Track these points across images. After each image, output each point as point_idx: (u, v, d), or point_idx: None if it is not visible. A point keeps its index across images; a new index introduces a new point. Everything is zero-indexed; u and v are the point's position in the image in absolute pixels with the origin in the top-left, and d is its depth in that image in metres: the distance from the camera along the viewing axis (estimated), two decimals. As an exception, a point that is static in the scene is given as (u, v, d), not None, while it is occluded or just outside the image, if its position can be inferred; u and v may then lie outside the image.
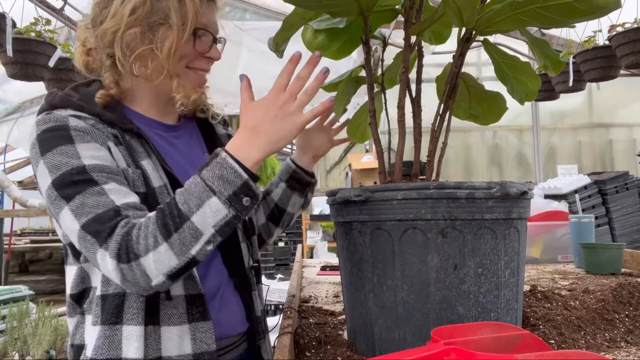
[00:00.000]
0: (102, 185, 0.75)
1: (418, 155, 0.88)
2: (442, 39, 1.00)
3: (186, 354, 0.82)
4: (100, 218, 0.73)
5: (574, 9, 0.69)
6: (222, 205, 0.71)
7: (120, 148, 0.83)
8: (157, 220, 0.72)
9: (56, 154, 0.76)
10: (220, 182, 0.71)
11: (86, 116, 0.83)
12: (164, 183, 0.85)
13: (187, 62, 0.90)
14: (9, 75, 2.63)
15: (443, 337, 0.55)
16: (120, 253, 0.71)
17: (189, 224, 0.71)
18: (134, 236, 0.72)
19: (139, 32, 0.85)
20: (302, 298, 1.30)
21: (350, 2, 0.80)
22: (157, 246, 0.71)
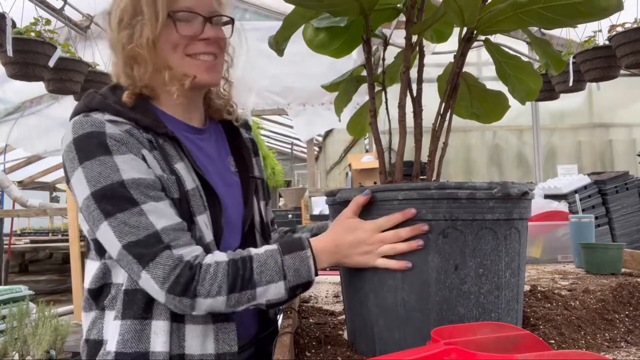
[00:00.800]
0: (141, 205, 0.79)
1: (419, 155, 0.88)
2: (444, 38, 1.00)
3: (208, 353, 0.84)
4: (142, 242, 0.77)
5: (576, 10, 0.69)
6: (284, 290, 0.80)
7: (154, 153, 0.85)
8: (228, 274, 0.78)
9: (95, 164, 0.79)
10: (294, 274, 0.80)
11: (123, 121, 0.85)
12: (197, 185, 0.88)
13: (182, 49, 0.88)
14: (9, 75, 2.63)
15: (443, 337, 0.55)
16: (175, 285, 0.76)
17: (252, 292, 0.79)
18: (200, 277, 0.77)
19: (127, 35, 0.88)
20: (302, 298, 1.30)
21: (351, 1, 0.80)
22: (218, 296, 0.78)
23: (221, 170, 0.98)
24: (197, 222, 0.86)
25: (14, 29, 2.46)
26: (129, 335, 0.81)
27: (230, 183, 0.99)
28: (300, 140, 6.32)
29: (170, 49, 0.88)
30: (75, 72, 2.91)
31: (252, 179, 1.02)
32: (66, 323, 3.28)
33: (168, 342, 0.82)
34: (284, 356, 0.71)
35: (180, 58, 0.88)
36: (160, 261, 0.77)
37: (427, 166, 0.88)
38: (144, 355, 0.81)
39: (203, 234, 0.86)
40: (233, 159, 1.03)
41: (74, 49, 3.02)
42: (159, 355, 0.81)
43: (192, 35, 0.88)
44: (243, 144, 1.05)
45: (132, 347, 0.81)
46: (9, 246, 6.45)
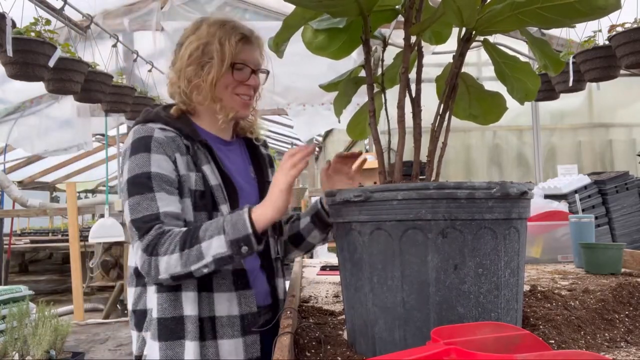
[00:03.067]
0: (155, 192, 1.03)
1: (418, 155, 0.88)
2: (442, 38, 1.00)
3: (234, 315, 1.07)
4: (145, 218, 1.01)
5: (574, 10, 0.69)
6: (225, 244, 0.96)
7: (187, 157, 1.10)
8: (183, 235, 0.98)
9: (137, 158, 1.06)
10: (232, 228, 0.96)
11: (169, 129, 1.11)
12: (219, 182, 1.11)
13: (232, 89, 1.16)
14: (9, 75, 2.62)
15: (443, 337, 0.55)
16: (148, 247, 0.98)
17: (198, 247, 0.96)
18: (162, 239, 0.99)
19: (194, 69, 1.14)
20: (302, 298, 1.30)
21: (350, 2, 0.80)
22: (172, 253, 0.97)
23: (243, 174, 1.23)
24: (221, 210, 1.09)
25: (14, 29, 2.46)
26: (166, 304, 1.04)
27: (250, 184, 1.23)
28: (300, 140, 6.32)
29: (223, 87, 1.15)
30: (75, 72, 2.91)
31: (267, 182, 1.25)
32: (66, 323, 3.28)
33: (197, 308, 1.04)
34: (284, 356, 0.71)
35: (230, 95, 1.16)
36: (150, 233, 0.99)
37: (426, 166, 0.88)
38: (180, 318, 1.03)
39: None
40: (253, 167, 1.28)
41: (74, 49, 3.02)
42: (190, 318, 1.03)
43: (241, 80, 1.17)
44: (261, 156, 1.31)
45: (170, 312, 1.04)
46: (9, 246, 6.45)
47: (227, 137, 1.25)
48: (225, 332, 1.06)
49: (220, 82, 1.14)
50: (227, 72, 1.14)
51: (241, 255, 0.97)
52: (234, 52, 1.13)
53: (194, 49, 1.13)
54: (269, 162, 1.34)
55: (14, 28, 2.46)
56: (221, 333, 1.06)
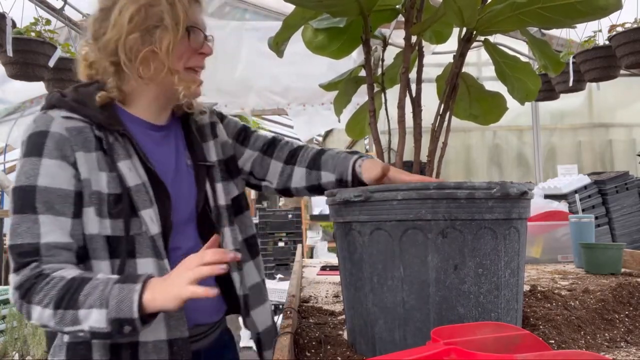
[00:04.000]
0: (39, 215, 0.85)
1: (418, 155, 0.88)
2: (443, 38, 1.00)
3: (161, 339, 0.89)
4: (23, 247, 0.84)
5: (574, 10, 0.69)
6: (105, 320, 0.79)
7: (96, 154, 0.90)
8: (61, 290, 0.81)
9: (26, 163, 0.88)
10: (116, 306, 0.79)
11: (77, 117, 0.91)
12: (143, 182, 0.92)
13: (185, 61, 0.97)
14: (9, 75, 2.62)
15: (443, 337, 0.55)
16: (21, 289, 0.83)
17: (74, 313, 0.80)
18: (38, 286, 0.82)
19: (139, 36, 0.93)
20: (302, 298, 1.30)
21: (351, 2, 0.80)
22: (46, 307, 0.81)
23: (178, 162, 1.03)
24: (142, 216, 0.90)
25: (14, 29, 2.46)
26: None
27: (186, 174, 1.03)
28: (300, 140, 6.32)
29: (177, 58, 0.95)
30: (75, 72, 2.90)
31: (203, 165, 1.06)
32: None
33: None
34: (284, 356, 0.71)
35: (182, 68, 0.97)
36: (25, 270, 0.83)
37: (426, 166, 0.88)
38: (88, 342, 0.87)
39: (148, 227, 0.90)
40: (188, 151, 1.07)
41: (74, 49, 3.02)
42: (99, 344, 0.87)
43: (196, 48, 0.98)
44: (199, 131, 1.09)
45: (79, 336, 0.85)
46: (9, 246, 6.45)
47: (162, 121, 1.03)
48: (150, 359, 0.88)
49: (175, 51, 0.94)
50: (183, 37, 0.95)
51: (122, 335, 0.80)
52: (188, 13, 0.95)
53: (135, 11, 0.92)
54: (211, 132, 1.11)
55: (14, 28, 2.46)
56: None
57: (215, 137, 1.11)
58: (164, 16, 0.93)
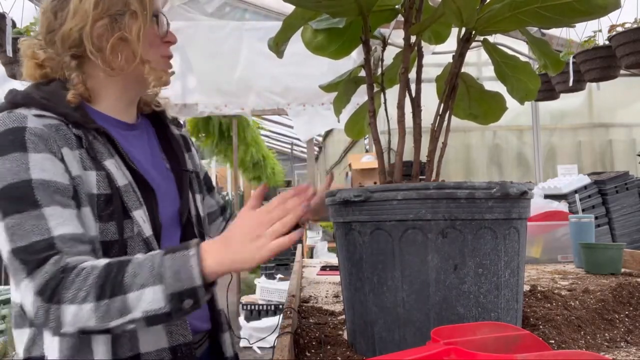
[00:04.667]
0: (42, 208, 0.73)
1: (418, 155, 0.88)
2: (442, 38, 1.00)
3: (162, 347, 0.83)
4: (32, 247, 0.71)
5: (573, 9, 0.69)
6: (162, 296, 0.69)
7: (80, 151, 0.82)
8: (99, 278, 0.70)
9: (7, 161, 0.75)
10: (173, 277, 0.70)
11: (51, 116, 0.82)
12: (129, 181, 0.86)
13: (156, 49, 0.93)
14: (9, 75, 2.63)
15: (443, 337, 0.55)
16: (46, 290, 0.69)
17: (123, 298, 0.69)
18: (67, 281, 0.70)
19: (107, 23, 0.86)
20: (302, 298, 1.30)
21: (350, 2, 0.80)
22: (84, 302, 0.69)
23: (154, 165, 0.97)
24: (134, 217, 0.83)
25: (14, 29, 2.46)
26: (68, 351, 0.78)
27: (165, 177, 0.98)
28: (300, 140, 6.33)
29: (148, 45, 0.91)
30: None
31: (184, 172, 1.01)
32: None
33: (110, 350, 0.78)
34: (284, 356, 0.71)
35: (157, 55, 0.93)
36: (45, 268, 0.70)
37: (426, 166, 0.88)
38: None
39: (141, 228, 0.84)
40: (165, 154, 1.01)
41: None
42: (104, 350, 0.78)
43: (161, 35, 0.94)
44: (173, 138, 1.04)
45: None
46: (9, 247, 6.44)
47: (131, 119, 0.97)
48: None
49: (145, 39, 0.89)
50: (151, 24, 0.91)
51: (182, 311, 0.71)
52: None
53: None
54: (184, 145, 1.07)
55: (14, 28, 2.46)
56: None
57: (188, 150, 1.09)
58: (129, 1, 0.87)
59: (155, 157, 0.98)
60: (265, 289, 4.57)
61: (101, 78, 0.90)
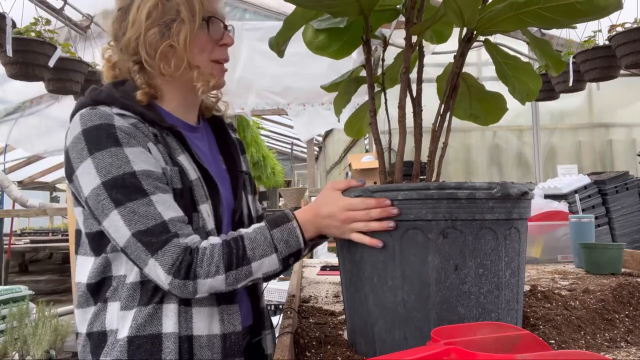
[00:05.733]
0: (150, 196, 0.83)
1: (419, 155, 0.88)
2: (443, 38, 1.00)
3: (215, 333, 0.90)
4: (151, 230, 0.81)
5: (575, 10, 0.69)
6: (278, 261, 0.85)
7: (159, 147, 0.90)
8: (223, 254, 0.83)
9: (106, 155, 0.83)
10: (284, 246, 0.85)
11: (130, 115, 0.89)
12: (198, 176, 0.93)
13: (208, 53, 0.96)
14: (9, 75, 2.63)
15: (443, 337, 0.55)
16: (179, 269, 0.81)
17: (248, 267, 0.84)
18: (197, 259, 0.82)
19: (158, 31, 0.92)
20: (302, 298, 1.30)
21: (351, 2, 0.80)
22: (217, 275, 0.82)
23: (213, 165, 1.03)
24: (200, 210, 0.90)
25: (14, 29, 2.46)
26: (142, 320, 0.85)
27: (222, 178, 1.03)
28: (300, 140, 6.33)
29: (199, 50, 0.95)
30: (75, 72, 2.91)
31: (240, 173, 1.07)
32: (66, 323, 3.28)
33: (177, 324, 0.87)
34: (284, 356, 0.71)
35: (206, 60, 0.96)
36: (169, 249, 0.81)
37: (427, 166, 0.88)
38: (157, 336, 0.85)
39: (205, 222, 0.91)
40: (221, 154, 1.08)
41: (74, 49, 3.02)
42: (170, 336, 0.85)
43: (217, 38, 0.97)
44: (231, 141, 1.10)
45: (146, 329, 0.85)
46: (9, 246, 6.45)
47: (193, 121, 1.04)
48: (204, 354, 0.88)
49: (195, 44, 0.93)
50: (201, 29, 0.94)
51: (288, 267, 0.88)
52: (204, 3, 0.94)
53: (152, 7, 0.91)
54: (240, 148, 1.14)
55: (14, 28, 2.46)
56: (198, 356, 0.87)
57: (243, 153, 1.15)
58: (180, 8, 0.91)
59: (214, 159, 1.05)
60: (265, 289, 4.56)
61: (160, 83, 0.97)
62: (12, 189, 6.03)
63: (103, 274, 0.90)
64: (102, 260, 0.90)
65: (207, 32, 0.95)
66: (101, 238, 0.89)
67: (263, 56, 3.90)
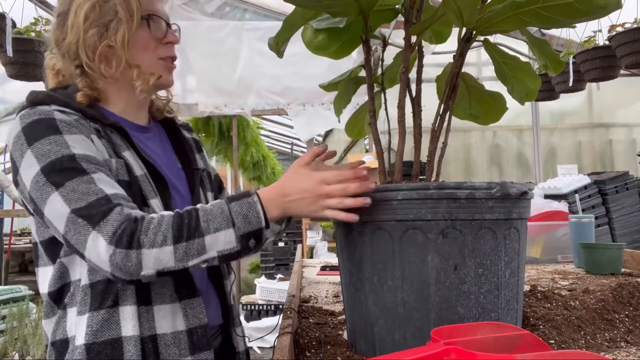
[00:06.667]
0: (91, 174, 0.80)
1: (418, 155, 0.88)
2: (443, 38, 1.00)
3: (179, 330, 0.87)
4: (92, 204, 0.77)
5: (574, 9, 0.69)
6: (234, 238, 0.79)
7: (102, 141, 0.88)
8: (174, 223, 0.78)
9: (45, 143, 0.81)
10: (243, 221, 0.80)
11: (70, 112, 0.87)
12: (144, 172, 0.91)
13: (152, 51, 0.96)
14: (9, 75, 2.63)
15: (443, 337, 0.55)
16: (121, 238, 0.75)
17: (200, 240, 0.78)
18: (142, 227, 0.77)
19: (96, 33, 0.91)
20: (302, 298, 1.30)
21: (350, 2, 0.80)
22: (164, 246, 0.77)
23: (167, 164, 1.02)
24: (151, 205, 0.89)
25: (14, 29, 2.46)
26: (97, 326, 0.82)
27: (177, 176, 1.03)
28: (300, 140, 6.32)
29: (141, 49, 0.94)
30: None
31: (196, 170, 1.06)
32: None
33: (138, 326, 0.84)
34: (284, 356, 0.71)
35: (152, 59, 0.96)
36: (111, 217, 0.76)
37: (426, 166, 0.88)
38: (117, 341, 0.82)
39: None
40: (176, 154, 1.07)
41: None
42: (130, 340, 0.83)
43: (159, 37, 0.96)
44: (184, 140, 1.10)
45: (103, 335, 0.82)
46: (9, 246, 6.45)
47: (144, 122, 1.03)
48: (171, 352, 0.85)
49: (136, 43, 0.93)
50: (141, 28, 0.93)
51: (248, 250, 0.82)
52: (142, 3, 0.93)
53: (89, 9, 0.90)
54: (196, 147, 1.14)
55: (14, 28, 2.46)
56: (165, 355, 0.85)
57: (199, 152, 1.14)
58: (118, 9, 0.91)
59: (167, 158, 1.04)
60: (265, 289, 4.57)
61: (103, 84, 0.95)
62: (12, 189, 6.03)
63: (62, 280, 0.88)
64: (58, 266, 0.88)
65: (149, 30, 0.95)
66: (55, 244, 0.87)
67: (263, 56, 3.89)
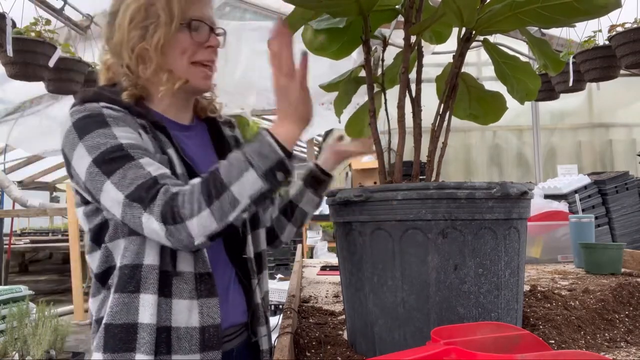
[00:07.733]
0: (138, 159, 0.84)
1: (418, 155, 0.88)
2: (442, 38, 1.00)
3: (193, 326, 0.90)
4: (141, 187, 0.82)
5: (573, 9, 0.69)
6: (258, 177, 0.80)
7: (149, 136, 0.92)
8: (202, 188, 0.81)
9: (95, 136, 0.85)
10: (259, 157, 0.81)
11: (117, 108, 0.91)
12: (183, 172, 0.93)
13: (189, 55, 0.97)
14: (9, 75, 2.63)
15: (443, 337, 0.55)
16: (166, 216, 0.80)
17: (229, 193, 0.80)
18: (179, 201, 0.81)
19: (138, 35, 0.94)
20: (302, 298, 1.30)
21: (350, 2, 0.80)
22: (201, 211, 0.80)
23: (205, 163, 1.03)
24: None
25: (14, 29, 2.46)
26: (117, 308, 0.86)
27: None
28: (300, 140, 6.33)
29: (178, 53, 0.96)
30: (76, 72, 2.91)
31: None
32: (66, 323, 3.28)
33: (155, 315, 0.86)
34: (284, 356, 0.71)
35: (185, 64, 0.97)
36: (158, 198, 0.81)
37: (426, 166, 0.88)
38: (132, 326, 0.86)
39: None
40: (216, 154, 1.08)
41: (74, 49, 3.02)
42: (146, 327, 0.85)
43: (201, 41, 0.97)
44: (224, 140, 1.11)
45: (121, 318, 0.86)
46: (9, 246, 6.45)
47: (186, 121, 1.05)
48: (182, 346, 0.88)
49: (175, 47, 0.95)
50: (182, 32, 0.95)
51: (280, 184, 0.83)
52: (184, 7, 0.95)
53: (135, 11, 0.93)
54: (235, 145, 1.15)
55: (14, 28, 2.46)
56: (176, 347, 0.88)
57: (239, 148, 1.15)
58: (160, 13, 0.93)
59: (208, 157, 1.05)
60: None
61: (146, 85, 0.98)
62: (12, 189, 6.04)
63: (107, 264, 0.92)
64: (103, 250, 0.92)
65: (190, 35, 0.96)
66: (100, 230, 0.91)
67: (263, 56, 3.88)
